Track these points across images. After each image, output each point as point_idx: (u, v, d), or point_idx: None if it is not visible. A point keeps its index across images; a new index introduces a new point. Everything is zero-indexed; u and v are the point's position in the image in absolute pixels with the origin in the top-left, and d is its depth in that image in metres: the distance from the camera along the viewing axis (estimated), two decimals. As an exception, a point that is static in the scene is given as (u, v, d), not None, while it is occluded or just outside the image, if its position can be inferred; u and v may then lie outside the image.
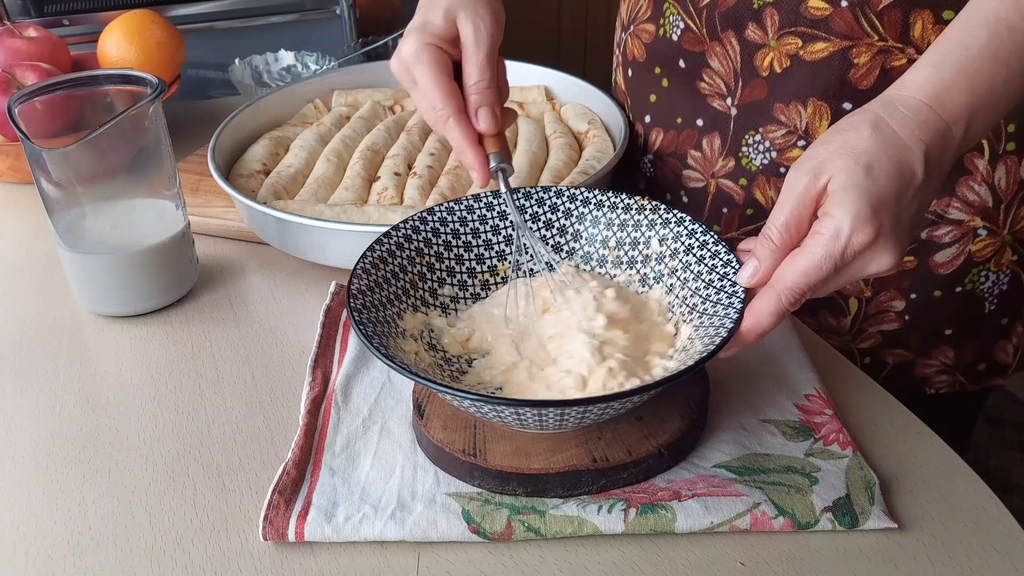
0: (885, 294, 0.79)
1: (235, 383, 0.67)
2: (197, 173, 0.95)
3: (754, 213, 0.81)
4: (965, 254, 0.76)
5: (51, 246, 0.87)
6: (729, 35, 0.75)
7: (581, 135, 0.95)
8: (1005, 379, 0.85)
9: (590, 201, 0.65)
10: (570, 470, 0.54)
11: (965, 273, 0.77)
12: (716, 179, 0.82)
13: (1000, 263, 0.77)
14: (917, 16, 0.68)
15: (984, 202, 0.74)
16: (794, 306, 0.51)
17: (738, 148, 0.79)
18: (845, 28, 0.69)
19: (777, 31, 0.72)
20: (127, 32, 1.04)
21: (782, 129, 0.76)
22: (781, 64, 0.73)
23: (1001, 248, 0.76)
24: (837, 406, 0.62)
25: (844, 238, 0.49)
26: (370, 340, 0.51)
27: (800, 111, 0.74)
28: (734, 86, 0.77)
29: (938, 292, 0.78)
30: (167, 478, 0.58)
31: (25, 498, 0.58)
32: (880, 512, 0.53)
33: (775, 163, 0.77)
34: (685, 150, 0.84)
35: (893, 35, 0.69)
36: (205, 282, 0.80)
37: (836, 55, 0.71)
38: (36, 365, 0.70)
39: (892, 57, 0.69)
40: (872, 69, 0.70)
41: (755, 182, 0.79)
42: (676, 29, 0.80)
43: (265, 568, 0.52)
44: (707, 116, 0.81)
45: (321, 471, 0.56)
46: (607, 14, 2.61)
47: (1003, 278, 0.78)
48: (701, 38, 0.78)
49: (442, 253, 0.63)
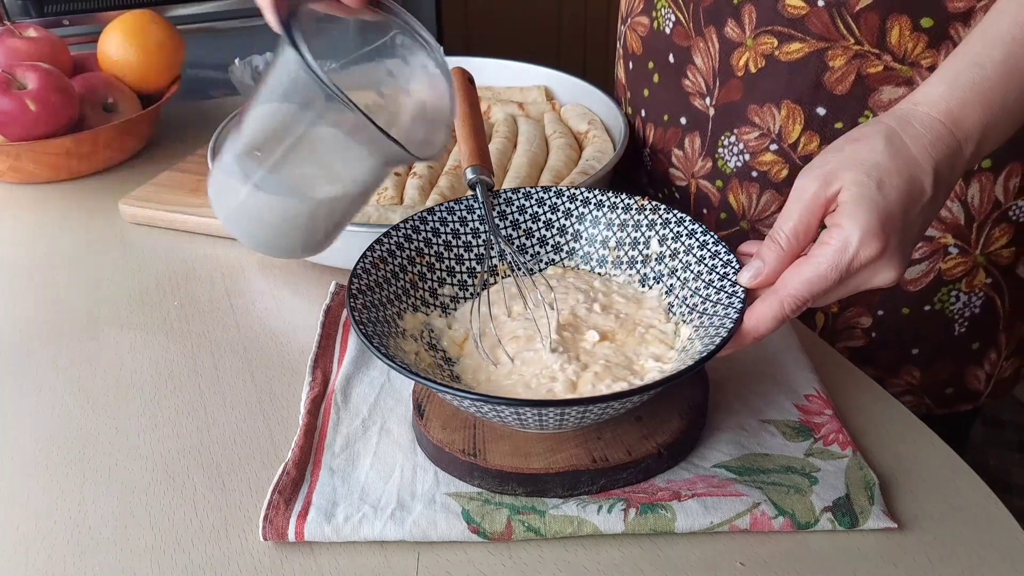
0: (852, 310, 0.78)
1: (235, 383, 0.67)
2: (197, 173, 0.95)
3: (727, 217, 0.81)
4: (935, 272, 0.75)
5: (51, 246, 0.87)
6: (711, 31, 0.75)
7: (581, 135, 0.95)
8: (974, 405, 0.83)
9: (590, 201, 0.65)
10: (570, 470, 0.54)
11: (934, 291, 0.76)
12: (696, 179, 0.82)
13: (972, 284, 0.76)
14: (894, 21, 0.67)
15: (956, 219, 0.73)
16: (795, 313, 0.51)
17: (715, 149, 0.79)
18: (821, 29, 0.69)
19: (754, 29, 0.72)
20: (127, 32, 1.05)
21: (755, 131, 0.75)
22: (756, 64, 0.73)
23: (973, 268, 0.75)
24: (837, 406, 0.62)
25: (852, 251, 0.49)
26: (370, 340, 0.51)
27: (774, 113, 0.74)
28: (712, 85, 0.77)
29: (906, 309, 0.77)
30: (167, 478, 0.58)
31: (25, 498, 0.57)
32: (880, 512, 0.53)
33: (748, 166, 0.77)
34: (670, 148, 0.84)
35: (870, 39, 0.68)
36: (205, 282, 0.80)
37: (811, 56, 0.70)
38: (36, 365, 0.70)
39: (868, 63, 0.69)
40: (847, 74, 0.69)
41: (729, 185, 0.79)
42: (668, 22, 0.80)
43: (265, 568, 0.52)
44: (689, 115, 0.81)
45: (321, 471, 0.57)
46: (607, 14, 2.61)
47: (975, 300, 0.77)
48: (689, 32, 0.78)
49: (442, 253, 0.63)
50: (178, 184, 0.93)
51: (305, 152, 0.54)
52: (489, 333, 0.59)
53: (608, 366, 0.55)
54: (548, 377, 0.55)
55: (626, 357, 0.57)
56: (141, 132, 1.03)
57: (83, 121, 1.00)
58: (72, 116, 0.97)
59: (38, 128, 0.94)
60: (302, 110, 0.52)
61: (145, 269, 0.83)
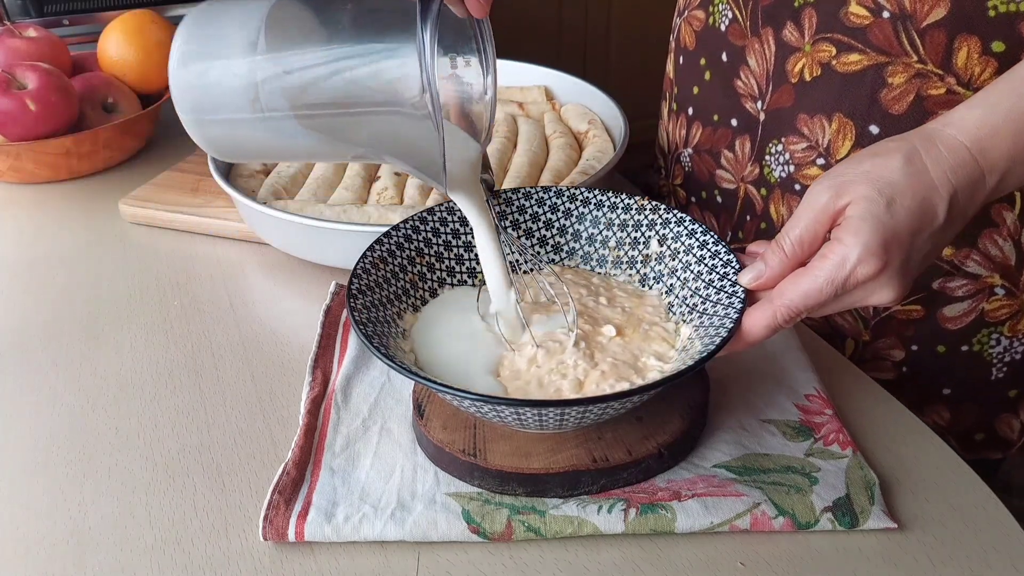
0: (884, 341, 0.75)
1: (235, 383, 0.67)
2: (197, 173, 0.95)
3: (767, 227, 0.79)
4: (977, 312, 0.71)
5: (51, 246, 0.87)
6: (768, 32, 0.72)
7: (581, 135, 0.95)
8: (1004, 454, 0.80)
9: (590, 201, 0.65)
10: (570, 470, 0.54)
11: (974, 332, 0.72)
12: (745, 184, 0.79)
13: (1016, 328, 0.72)
14: (963, 42, 0.63)
15: (1007, 259, 0.69)
16: (788, 324, 0.51)
17: (763, 156, 0.76)
18: (883, 42, 0.65)
19: (813, 35, 0.69)
20: (127, 32, 1.05)
21: (803, 142, 0.72)
22: (812, 72, 0.70)
23: (1018, 312, 0.71)
24: (837, 406, 0.62)
25: (849, 267, 0.48)
26: (370, 340, 0.51)
27: (824, 125, 0.70)
28: (765, 89, 0.74)
29: (942, 347, 0.74)
30: (167, 478, 0.58)
31: (25, 498, 0.57)
32: (880, 512, 0.53)
33: (792, 178, 0.74)
34: (719, 148, 0.81)
35: (934, 59, 0.64)
36: (205, 282, 0.80)
37: (870, 70, 0.67)
38: (36, 365, 0.70)
39: (929, 84, 0.65)
40: (906, 93, 0.66)
41: (772, 195, 0.77)
42: (724, 19, 0.77)
43: (265, 568, 0.52)
44: (740, 117, 0.78)
45: (321, 471, 0.56)
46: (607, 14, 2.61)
47: (1017, 346, 0.73)
48: (744, 31, 0.75)
49: (442, 253, 0.63)
50: (178, 184, 0.93)
51: (349, 119, 0.50)
52: (510, 318, 0.59)
53: (616, 364, 0.55)
54: (560, 374, 0.55)
55: (632, 355, 0.57)
56: (141, 132, 1.03)
57: (83, 121, 1.00)
58: (72, 116, 0.97)
59: (38, 128, 0.94)
60: (381, 92, 0.48)
61: (145, 269, 0.83)
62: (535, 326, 0.58)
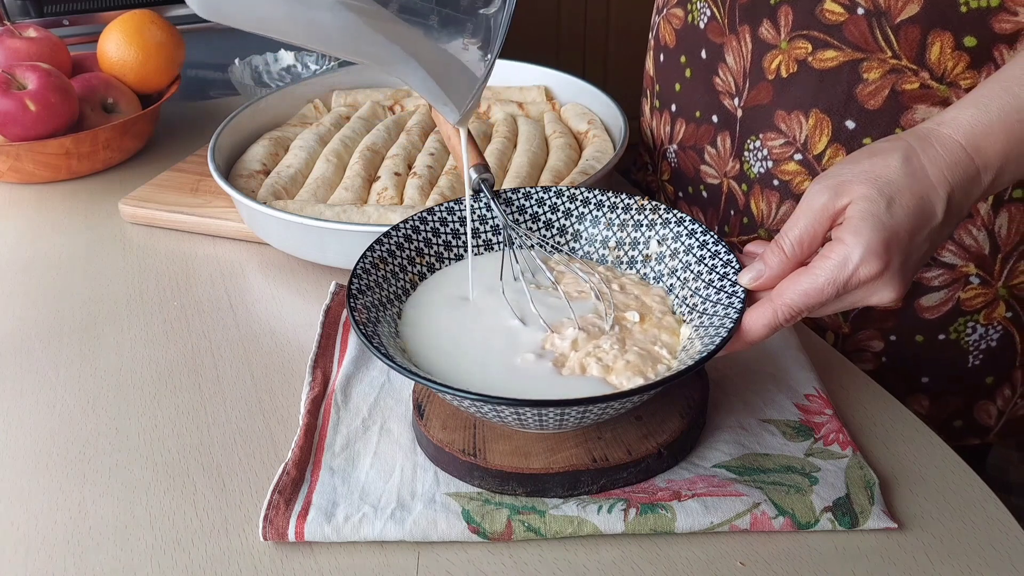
0: (864, 332, 0.76)
1: (235, 383, 0.67)
2: (197, 173, 0.95)
3: (748, 223, 0.80)
4: (953, 301, 0.73)
5: (51, 246, 0.87)
6: (745, 30, 0.73)
7: (581, 135, 0.95)
8: (983, 441, 0.81)
9: (590, 201, 0.65)
10: (570, 470, 0.54)
11: (951, 321, 0.74)
12: (727, 179, 0.80)
13: (991, 316, 0.74)
14: (936, 37, 0.64)
15: (980, 248, 0.71)
16: (788, 323, 0.51)
17: (742, 152, 0.78)
18: (858, 38, 0.67)
19: (789, 32, 0.70)
20: (127, 32, 1.05)
21: (781, 139, 0.74)
22: (788, 68, 0.71)
23: (993, 300, 0.73)
24: (837, 406, 0.62)
25: (851, 268, 0.49)
26: (370, 340, 0.51)
27: (801, 121, 0.72)
28: (742, 86, 0.75)
29: (920, 337, 0.75)
30: (167, 478, 0.58)
31: (25, 498, 0.57)
32: (880, 512, 0.53)
33: (770, 173, 0.76)
34: (702, 145, 0.82)
35: (908, 54, 0.65)
36: (205, 282, 0.80)
37: (845, 66, 0.68)
38: (36, 365, 0.70)
39: (904, 79, 0.66)
40: (881, 88, 0.67)
41: (752, 190, 0.78)
42: (703, 16, 0.78)
43: (265, 568, 0.52)
44: (720, 114, 0.79)
45: (321, 471, 0.57)
46: (606, 14, 2.61)
47: (992, 333, 0.75)
48: (723, 29, 0.76)
49: (442, 253, 0.63)
50: (178, 184, 0.93)
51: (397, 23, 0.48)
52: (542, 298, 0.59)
53: (640, 355, 0.54)
54: (596, 358, 0.54)
55: (650, 343, 0.56)
56: (141, 132, 1.03)
57: (83, 121, 1.00)
58: (72, 116, 0.97)
59: (38, 128, 0.94)
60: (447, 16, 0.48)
61: (145, 269, 0.83)
62: (544, 309, 0.58)
